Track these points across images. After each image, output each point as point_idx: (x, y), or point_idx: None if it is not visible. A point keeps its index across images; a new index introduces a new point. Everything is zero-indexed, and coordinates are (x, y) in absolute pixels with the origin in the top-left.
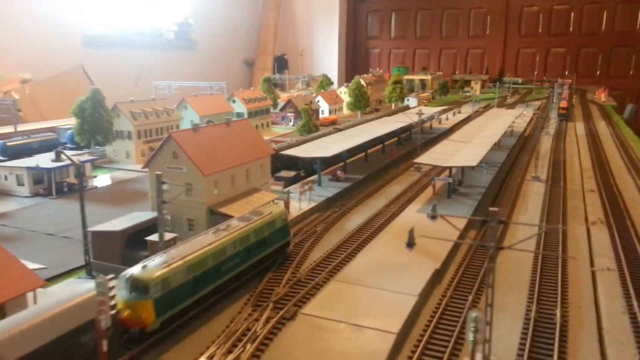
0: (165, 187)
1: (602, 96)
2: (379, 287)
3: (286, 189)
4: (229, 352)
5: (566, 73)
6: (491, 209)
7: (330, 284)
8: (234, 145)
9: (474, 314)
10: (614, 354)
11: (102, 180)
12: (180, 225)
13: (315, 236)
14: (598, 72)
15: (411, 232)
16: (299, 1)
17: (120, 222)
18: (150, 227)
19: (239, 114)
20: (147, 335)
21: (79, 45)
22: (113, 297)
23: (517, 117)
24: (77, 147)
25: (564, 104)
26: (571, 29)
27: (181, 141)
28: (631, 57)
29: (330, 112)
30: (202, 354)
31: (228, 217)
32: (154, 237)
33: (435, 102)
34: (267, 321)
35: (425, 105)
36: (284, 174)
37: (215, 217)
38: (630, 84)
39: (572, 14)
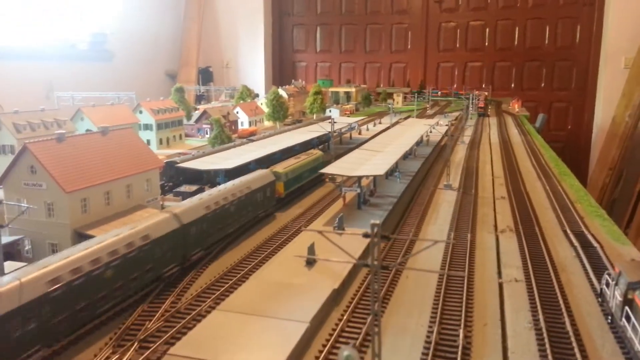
0: (24, 207)
1: (515, 106)
2: (266, 315)
3: None
4: None
5: (483, 86)
6: (372, 222)
7: (211, 315)
8: (110, 157)
9: (345, 352)
10: None
11: None
12: (43, 250)
13: (206, 259)
14: (512, 85)
15: (311, 249)
16: (222, 13)
17: None
18: None
19: (147, 126)
20: (282, 198)
21: None
22: None
23: (432, 127)
24: None
25: (481, 104)
26: (486, 44)
27: (39, 153)
28: (542, 71)
29: (250, 124)
30: None
31: None
32: None
33: (359, 114)
34: None
35: (348, 117)
36: (185, 188)
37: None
38: (542, 95)
39: (487, 30)
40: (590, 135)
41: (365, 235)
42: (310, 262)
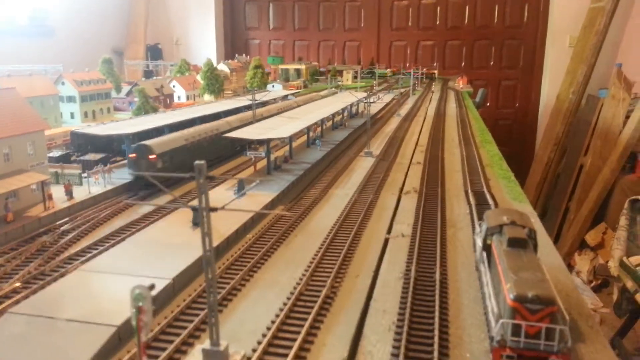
0: None
1: (461, 83)
2: (130, 274)
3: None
4: None
5: (434, 65)
6: (197, 162)
7: (70, 275)
8: None
9: (136, 290)
10: (371, 323)
11: None
12: None
13: (94, 221)
14: (463, 64)
15: (191, 207)
16: None
17: None
18: None
19: (70, 98)
20: None
21: None
22: None
23: (363, 99)
24: None
25: (428, 71)
26: (438, 22)
27: None
28: (491, 49)
29: (187, 98)
30: None
31: None
32: None
33: (307, 90)
34: None
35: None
36: (90, 157)
37: None
38: (491, 74)
39: (439, 8)
40: (537, 112)
41: (192, 177)
42: (196, 223)
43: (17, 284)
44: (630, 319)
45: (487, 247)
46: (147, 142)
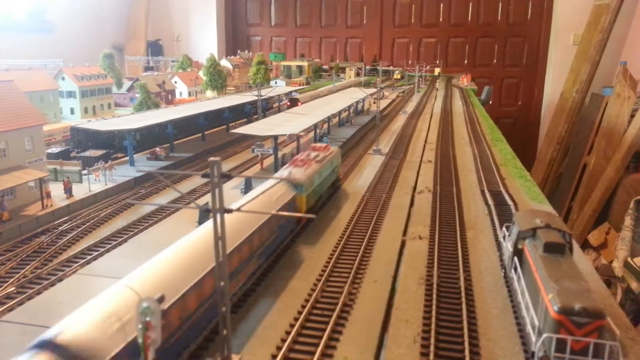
0: None
1: (464, 81)
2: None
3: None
4: None
5: (437, 62)
6: (211, 158)
7: (68, 280)
8: None
9: (144, 303)
10: (395, 334)
11: None
12: None
13: (94, 221)
14: (466, 61)
15: (202, 209)
16: None
17: None
18: None
19: (70, 93)
20: None
21: None
22: None
23: (370, 95)
24: None
25: (431, 71)
26: (441, 19)
27: None
28: (494, 47)
29: (189, 94)
30: None
31: None
32: None
33: (311, 87)
34: None
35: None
36: (90, 153)
37: None
38: (494, 72)
39: (442, 5)
40: (540, 111)
41: (205, 175)
42: (202, 223)
43: (11, 289)
44: (634, 320)
45: (518, 252)
46: (296, 96)
